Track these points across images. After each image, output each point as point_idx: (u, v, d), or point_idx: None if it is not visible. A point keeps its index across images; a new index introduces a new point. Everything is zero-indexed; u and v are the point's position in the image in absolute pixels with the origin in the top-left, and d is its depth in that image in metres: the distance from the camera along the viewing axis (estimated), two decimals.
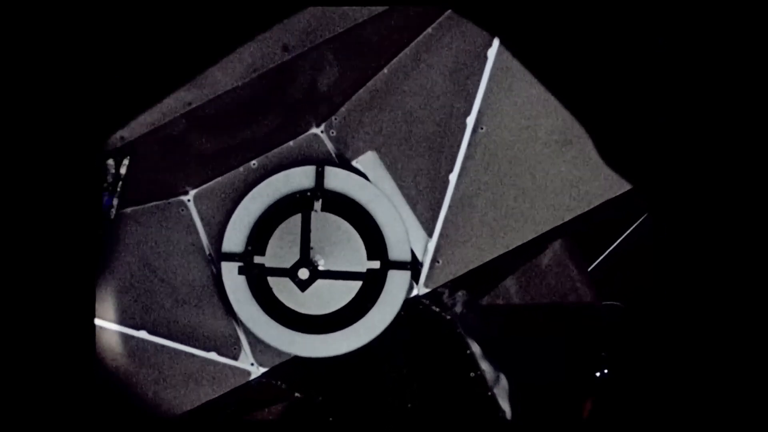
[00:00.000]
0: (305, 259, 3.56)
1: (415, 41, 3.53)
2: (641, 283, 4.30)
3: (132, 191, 3.35)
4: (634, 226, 4.39)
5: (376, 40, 3.40)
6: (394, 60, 3.58)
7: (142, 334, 3.53)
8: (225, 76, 3.17)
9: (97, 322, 3.46)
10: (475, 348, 4.00)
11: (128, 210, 3.47)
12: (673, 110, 2.99)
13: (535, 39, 3.24)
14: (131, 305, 3.59)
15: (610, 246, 4.43)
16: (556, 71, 3.37)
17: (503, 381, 4.07)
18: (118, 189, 3.27)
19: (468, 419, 4.09)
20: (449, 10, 3.52)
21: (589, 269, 4.36)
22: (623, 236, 4.41)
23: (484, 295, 4.07)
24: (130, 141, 3.19)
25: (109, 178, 3.23)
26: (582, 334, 4.27)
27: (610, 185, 3.58)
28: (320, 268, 3.59)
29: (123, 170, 3.25)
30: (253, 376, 3.66)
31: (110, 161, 3.20)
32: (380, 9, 3.24)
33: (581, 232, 4.07)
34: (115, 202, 3.26)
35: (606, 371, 4.17)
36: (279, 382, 3.79)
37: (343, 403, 4.00)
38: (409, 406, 3.94)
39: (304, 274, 3.56)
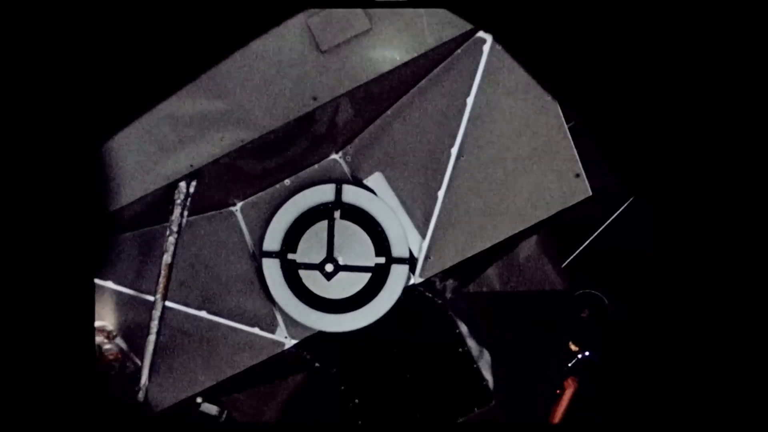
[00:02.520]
0: (330, 256, 3.92)
1: (411, 91, 3.85)
2: (615, 276, 4.48)
3: (194, 204, 3.66)
4: (602, 227, 4.59)
5: (381, 91, 3.72)
6: (395, 105, 3.90)
7: (203, 314, 3.91)
8: (269, 119, 3.49)
9: (168, 303, 3.70)
10: (463, 327, 4.30)
11: (191, 218, 3.75)
12: (672, 110, 2.78)
13: (531, 36, 3.19)
14: (193, 291, 3.93)
15: (583, 244, 4.61)
16: (553, 67, 3.29)
17: (486, 355, 4.37)
18: (187, 204, 3.56)
19: (456, 387, 4.30)
20: (438, 68, 3.77)
21: (564, 265, 4.54)
22: (593, 235, 4.61)
23: (470, 283, 4.37)
24: (198, 169, 3.51)
25: (182, 196, 3.53)
26: (556, 317, 4.46)
27: (564, 197, 3.90)
28: (340, 263, 3.93)
29: (191, 189, 3.54)
30: (286, 347, 4.02)
31: (182, 183, 3.51)
32: (385, 70, 3.52)
33: (555, 232, 4.36)
34: (185, 214, 3.56)
35: (587, 353, 4.34)
36: (305, 353, 4.13)
37: (353, 374, 4.23)
38: (408, 376, 4.24)
39: (329, 267, 3.91)
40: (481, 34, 3.62)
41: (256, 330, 3.98)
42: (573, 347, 4.39)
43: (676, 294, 2.85)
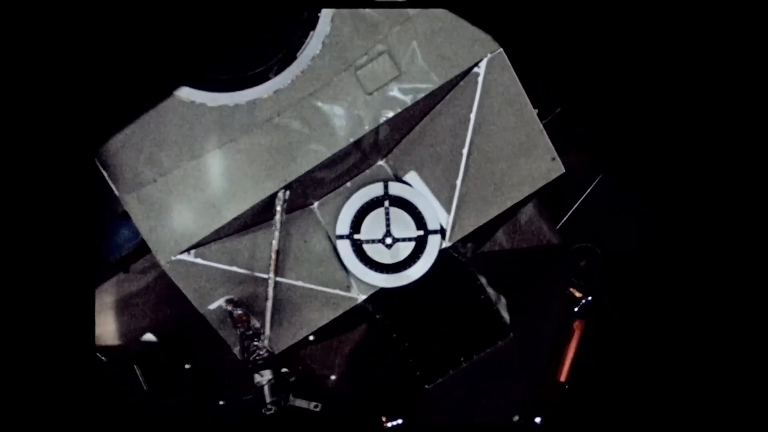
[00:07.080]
0: (388, 232, 4.47)
1: (430, 113, 4.35)
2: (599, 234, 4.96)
3: (287, 207, 4.11)
4: (585, 195, 5.15)
5: (410, 116, 4.22)
6: (420, 123, 4.41)
7: (299, 283, 4.46)
8: (335, 143, 4.01)
9: (278, 279, 4.22)
10: (482, 279, 4.76)
11: (286, 216, 4.16)
12: (671, 109, 2.73)
13: (529, 35, 3.43)
14: (293, 267, 4.45)
15: (571, 209, 5.17)
16: (552, 66, 3.54)
17: (503, 299, 4.80)
18: (285, 207, 4.06)
19: (481, 326, 4.73)
20: (447, 96, 4.19)
21: (558, 226, 5.03)
22: (579, 201, 5.16)
23: (485, 244, 4.87)
24: (289, 183, 4.01)
25: (281, 202, 4.03)
26: (557, 268, 4.90)
27: (544, 175, 4.39)
28: (395, 236, 4.46)
29: (287, 197, 4.04)
30: (358, 301, 4.55)
31: (280, 193, 4.01)
32: (411, 101, 3.93)
33: (547, 201, 4.82)
34: (284, 215, 4.06)
35: (590, 298, 4.88)
36: (369, 306, 4.65)
37: (402, 323, 4.70)
38: (443, 320, 4.73)
39: (389, 240, 4.47)
40: (476, 69, 4.11)
41: (336, 291, 4.54)
42: (576, 294, 4.88)
43: (671, 287, 2.83)
